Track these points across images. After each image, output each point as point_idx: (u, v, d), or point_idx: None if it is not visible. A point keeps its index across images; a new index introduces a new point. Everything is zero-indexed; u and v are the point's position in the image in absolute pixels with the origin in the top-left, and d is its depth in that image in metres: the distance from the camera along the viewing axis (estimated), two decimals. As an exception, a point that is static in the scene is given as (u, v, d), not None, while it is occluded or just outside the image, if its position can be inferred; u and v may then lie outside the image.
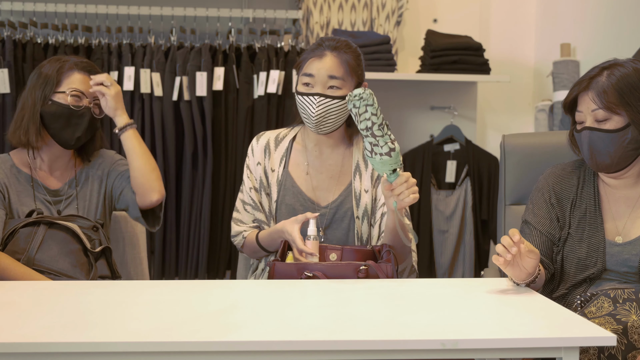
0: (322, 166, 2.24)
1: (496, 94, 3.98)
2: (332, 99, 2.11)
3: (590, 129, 1.87)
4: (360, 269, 1.89)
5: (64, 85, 2.18)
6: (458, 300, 1.66)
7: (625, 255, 1.88)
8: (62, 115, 2.16)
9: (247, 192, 2.25)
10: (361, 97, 1.83)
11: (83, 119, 2.18)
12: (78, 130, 2.18)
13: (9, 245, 2.08)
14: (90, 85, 2.20)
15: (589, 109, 1.87)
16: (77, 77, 2.20)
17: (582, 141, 1.90)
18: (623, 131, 1.85)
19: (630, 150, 1.86)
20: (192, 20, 3.47)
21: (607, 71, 1.86)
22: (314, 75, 2.11)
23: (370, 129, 1.84)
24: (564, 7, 3.74)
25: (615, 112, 1.84)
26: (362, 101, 1.83)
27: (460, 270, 3.62)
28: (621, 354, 1.60)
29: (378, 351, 1.37)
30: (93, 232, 2.16)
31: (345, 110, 2.13)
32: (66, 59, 2.22)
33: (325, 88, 2.11)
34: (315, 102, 2.10)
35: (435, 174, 3.66)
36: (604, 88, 1.84)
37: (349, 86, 2.13)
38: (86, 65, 2.23)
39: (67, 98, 2.17)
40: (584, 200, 1.97)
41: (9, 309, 1.57)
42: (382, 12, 3.71)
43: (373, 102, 1.84)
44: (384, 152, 1.86)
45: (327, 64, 2.11)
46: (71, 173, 2.27)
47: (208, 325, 1.45)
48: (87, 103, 2.20)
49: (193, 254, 3.38)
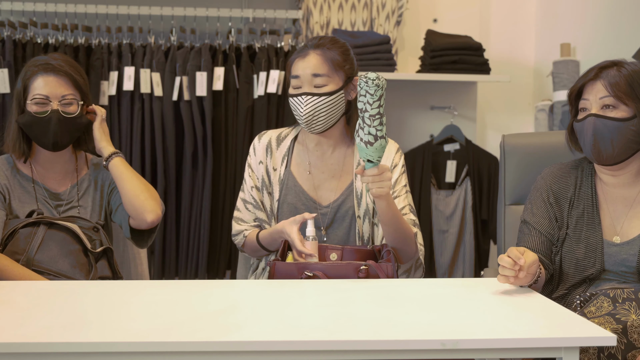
0: (324, 165, 2.24)
1: (496, 94, 3.98)
2: (318, 96, 2.12)
3: (596, 115, 1.88)
4: (360, 269, 1.89)
5: (30, 92, 2.14)
6: (458, 300, 1.66)
7: (624, 255, 1.88)
8: (33, 124, 2.13)
9: (249, 191, 2.25)
10: (366, 82, 1.86)
11: (50, 123, 2.12)
12: (50, 135, 2.13)
13: (9, 246, 2.07)
14: (58, 85, 2.13)
15: (597, 96, 1.89)
16: (40, 82, 2.13)
17: (586, 129, 1.90)
18: (629, 122, 1.86)
19: (632, 142, 1.88)
20: (192, 20, 3.47)
21: (618, 65, 1.90)
22: (300, 76, 2.14)
23: (363, 112, 1.88)
24: (564, 7, 3.74)
25: (623, 101, 1.86)
26: (365, 85, 1.86)
27: (460, 270, 3.62)
28: (621, 353, 1.60)
29: (378, 351, 1.37)
30: (94, 232, 2.16)
31: (336, 106, 2.14)
32: (36, 61, 2.17)
33: (311, 87, 2.13)
34: (303, 102, 2.12)
35: (435, 173, 3.66)
36: (616, 79, 1.87)
37: (335, 82, 2.14)
38: (49, 66, 2.14)
39: (33, 106, 2.13)
40: (581, 200, 1.97)
41: (8, 309, 1.56)
42: (382, 12, 3.71)
43: (374, 93, 1.85)
44: (363, 140, 1.89)
45: (310, 63, 2.13)
46: (74, 177, 2.25)
47: (208, 325, 1.45)
48: (54, 105, 2.13)
49: (193, 254, 3.38)
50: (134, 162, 3.30)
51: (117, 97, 3.31)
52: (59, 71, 2.15)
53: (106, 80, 3.28)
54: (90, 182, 2.25)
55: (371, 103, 1.86)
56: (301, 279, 1.88)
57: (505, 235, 2.29)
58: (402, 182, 2.23)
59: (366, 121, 1.87)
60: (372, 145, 1.88)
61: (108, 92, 3.28)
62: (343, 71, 2.15)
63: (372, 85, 1.85)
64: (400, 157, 2.25)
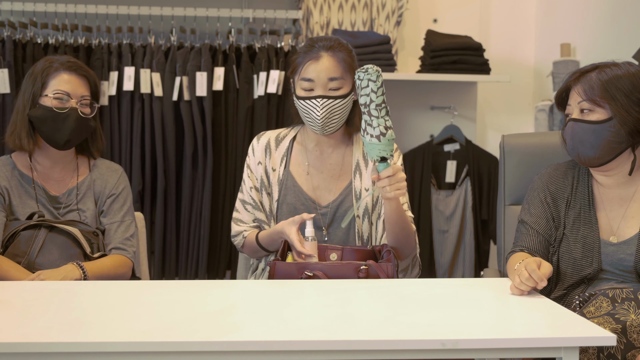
0: (323, 166, 2.24)
1: (496, 94, 3.98)
2: (334, 99, 2.11)
3: (575, 120, 1.90)
4: (360, 269, 1.89)
5: (49, 87, 2.14)
6: (458, 300, 1.66)
7: (620, 255, 1.88)
8: (48, 118, 2.13)
9: (248, 192, 2.25)
10: (366, 71, 1.86)
11: (68, 120, 2.13)
12: (66, 132, 2.14)
13: (10, 248, 2.07)
14: (78, 85, 2.16)
15: (575, 101, 1.90)
16: (64, 77, 2.15)
17: (567, 134, 1.93)
18: (606, 124, 1.86)
19: (613, 143, 1.87)
20: (192, 20, 3.47)
21: (600, 69, 1.90)
22: (314, 80, 2.11)
23: (368, 105, 1.87)
24: (564, 7, 3.74)
25: (599, 104, 1.86)
26: (366, 74, 1.86)
27: (460, 270, 3.62)
28: (620, 353, 1.60)
29: (378, 351, 1.37)
30: (93, 236, 2.16)
31: (348, 107, 2.15)
32: (55, 59, 2.18)
33: (326, 90, 2.11)
34: (319, 105, 2.10)
35: (435, 174, 3.66)
36: (591, 83, 1.87)
37: (348, 84, 2.14)
38: (73, 64, 2.18)
39: (52, 100, 2.13)
40: (578, 200, 1.97)
41: (8, 309, 1.57)
42: (382, 12, 3.71)
43: (376, 80, 1.86)
44: (374, 134, 1.87)
45: (325, 66, 2.11)
46: (73, 180, 2.25)
47: (208, 325, 1.45)
48: (73, 104, 2.15)
49: (193, 254, 3.38)
50: (134, 162, 3.30)
51: (117, 97, 3.31)
52: (81, 72, 2.19)
53: (106, 80, 3.28)
54: (88, 187, 2.25)
55: (375, 91, 1.86)
56: (301, 279, 1.88)
57: (505, 235, 2.29)
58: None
59: (373, 113, 1.87)
60: (385, 137, 1.87)
61: (108, 92, 3.28)
62: (353, 73, 2.15)
63: (373, 72, 1.86)
64: (398, 156, 2.25)
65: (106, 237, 2.20)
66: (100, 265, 2.09)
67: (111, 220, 2.22)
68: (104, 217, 2.23)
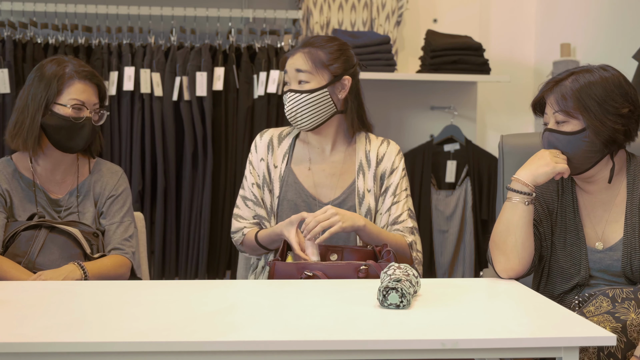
0: (324, 163, 2.25)
1: (496, 94, 3.97)
2: (300, 93, 2.14)
3: (550, 130, 1.89)
4: (360, 269, 1.89)
5: (64, 95, 2.13)
6: (458, 300, 1.66)
7: (608, 261, 1.88)
8: (64, 128, 2.13)
9: (249, 188, 2.25)
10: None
11: (84, 129, 2.15)
12: (80, 141, 2.16)
13: (10, 248, 2.08)
14: (92, 93, 2.18)
15: (550, 111, 1.89)
16: (78, 87, 2.15)
17: (544, 143, 1.92)
18: (580, 134, 1.85)
19: (589, 152, 1.86)
20: (192, 20, 3.47)
21: (574, 76, 1.87)
22: (287, 72, 2.19)
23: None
24: (564, 7, 3.73)
25: (572, 116, 1.85)
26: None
27: (460, 270, 3.62)
28: (621, 352, 1.60)
29: (378, 351, 1.37)
30: (93, 237, 2.16)
31: (320, 104, 2.16)
32: (65, 62, 2.17)
33: (296, 83, 2.17)
34: (286, 99, 2.18)
35: (435, 174, 3.66)
36: (564, 93, 1.86)
37: (318, 79, 2.16)
38: (87, 73, 2.18)
39: (68, 110, 2.13)
40: (564, 208, 1.96)
41: (7, 309, 1.56)
42: (382, 12, 3.71)
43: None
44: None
45: (294, 60, 2.18)
46: (74, 182, 2.24)
47: (207, 325, 1.45)
48: (87, 113, 2.16)
49: (193, 254, 3.38)
50: (134, 162, 3.30)
51: (117, 97, 3.31)
52: (95, 80, 2.20)
53: (106, 80, 3.28)
54: (88, 188, 2.24)
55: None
56: (301, 279, 1.88)
57: (505, 235, 2.28)
58: (403, 186, 2.23)
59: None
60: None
61: (108, 92, 3.28)
62: (328, 70, 2.16)
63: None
64: (400, 159, 2.25)
65: (105, 238, 2.20)
66: (100, 266, 2.09)
67: (110, 221, 2.22)
68: (103, 219, 2.23)
